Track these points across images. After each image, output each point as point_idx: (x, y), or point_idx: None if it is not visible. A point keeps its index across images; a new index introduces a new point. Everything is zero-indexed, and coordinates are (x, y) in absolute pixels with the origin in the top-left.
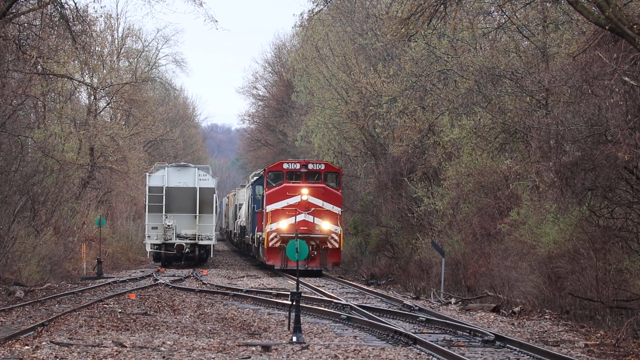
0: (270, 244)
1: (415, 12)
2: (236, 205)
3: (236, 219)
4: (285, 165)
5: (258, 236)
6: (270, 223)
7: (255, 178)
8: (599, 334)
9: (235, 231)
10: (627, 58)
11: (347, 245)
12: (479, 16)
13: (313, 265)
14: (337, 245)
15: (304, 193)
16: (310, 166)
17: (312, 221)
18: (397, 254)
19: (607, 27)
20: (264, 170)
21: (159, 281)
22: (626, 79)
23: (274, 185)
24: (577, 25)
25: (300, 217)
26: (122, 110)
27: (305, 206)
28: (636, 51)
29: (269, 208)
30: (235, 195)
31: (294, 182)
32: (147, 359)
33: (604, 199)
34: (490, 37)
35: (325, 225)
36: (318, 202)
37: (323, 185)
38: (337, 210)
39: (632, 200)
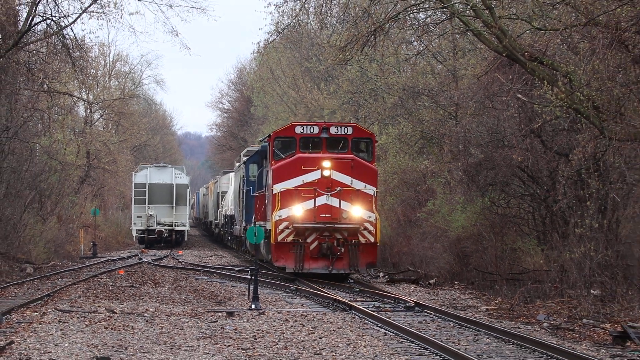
0: (279, 238)
1: (350, 41)
2: (218, 193)
3: (219, 208)
4: (298, 129)
5: None
6: (280, 209)
7: (245, 158)
8: (497, 301)
9: (217, 221)
10: (520, 79)
11: None
12: (402, 45)
13: (339, 267)
14: (372, 239)
15: (326, 167)
16: (333, 130)
17: (337, 206)
18: None
19: (504, 54)
20: (269, 136)
21: (142, 260)
22: (519, 95)
23: (282, 156)
24: (481, 52)
25: (321, 200)
26: (113, 121)
27: (328, 185)
28: (527, 73)
29: (278, 188)
30: (216, 182)
31: (311, 152)
32: (134, 323)
33: (502, 192)
34: (411, 62)
35: (356, 212)
36: (345, 179)
37: (351, 155)
38: (371, 190)
39: (523, 193)
